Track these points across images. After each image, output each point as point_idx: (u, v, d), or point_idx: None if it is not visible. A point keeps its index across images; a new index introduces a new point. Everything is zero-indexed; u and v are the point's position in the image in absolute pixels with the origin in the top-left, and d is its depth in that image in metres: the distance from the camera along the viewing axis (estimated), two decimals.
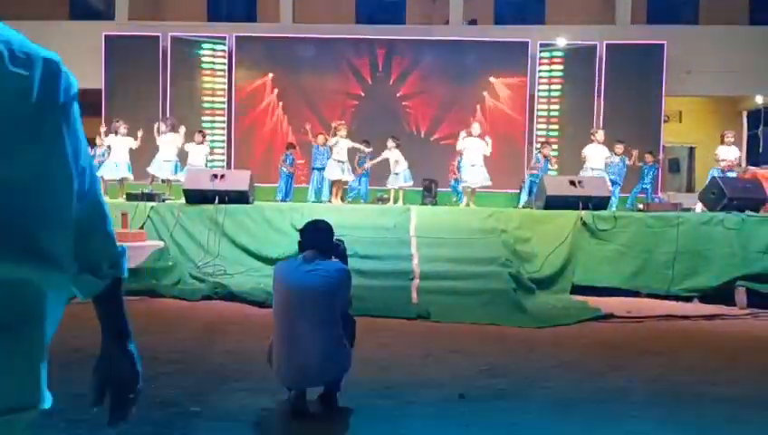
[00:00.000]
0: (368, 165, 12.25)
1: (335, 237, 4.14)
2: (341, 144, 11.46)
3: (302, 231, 4.09)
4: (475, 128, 11.26)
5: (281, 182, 12.88)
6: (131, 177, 12.06)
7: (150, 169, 12.08)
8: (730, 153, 11.73)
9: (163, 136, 12.18)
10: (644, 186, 12.97)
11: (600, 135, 12.13)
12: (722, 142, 11.91)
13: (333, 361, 3.88)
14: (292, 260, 4.12)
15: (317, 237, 4.03)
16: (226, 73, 15.20)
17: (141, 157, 12.29)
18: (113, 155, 11.84)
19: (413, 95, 15.23)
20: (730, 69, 14.81)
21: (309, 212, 9.50)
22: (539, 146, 12.71)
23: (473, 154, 11.21)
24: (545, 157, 12.26)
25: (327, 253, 4.04)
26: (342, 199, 11.71)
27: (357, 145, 12.01)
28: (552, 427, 3.86)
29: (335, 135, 11.54)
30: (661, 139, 14.78)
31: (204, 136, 12.72)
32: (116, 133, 11.94)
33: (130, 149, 12.00)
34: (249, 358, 5.13)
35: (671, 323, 7.27)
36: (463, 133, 11.58)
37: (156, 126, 12.40)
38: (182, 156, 12.36)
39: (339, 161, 11.45)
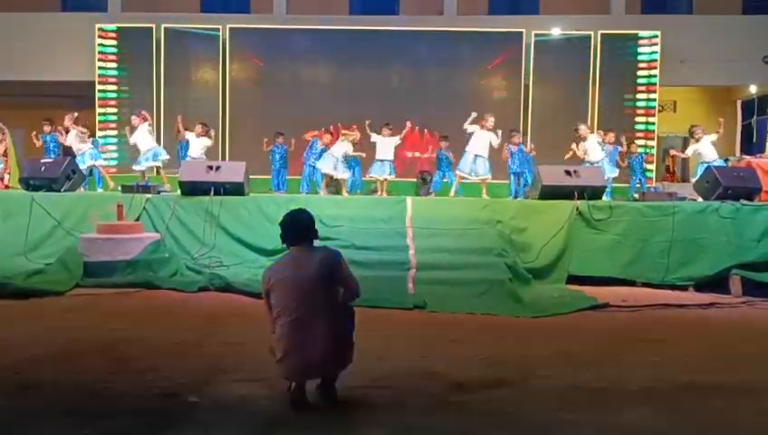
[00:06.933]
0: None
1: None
2: (342, 146, 11.50)
3: (282, 225, 4.07)
4: (490, 121, 11.28)
5: (274, 172, 12.83)
6: (101, 162, 12.34)
7: (137, 167, 12.06)
8: (703, 146, 11.36)
9: (137, 130, 12.04)
10: (638, 177, 12.99)
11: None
12: (692, 136, 11.47)
13: (339, 354, 3.90)
14: (281, 260, 4.11)
15: (300, 230, 4.03)
16: (220, 65, 15.14)
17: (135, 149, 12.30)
18: (76, 148, 12.02)
19: (407, 86, 15.19)
20: (724, 58, 14.83)
21: (305, 204, 9.49)
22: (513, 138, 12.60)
23: (480, 146, 11.23)
24: (516, 144, 12.12)
25: (312, 241, 4.06)
26: (343, 192, 11.72)
27: (357, 154, 12.03)
28: (549, 415, 3.88)
29: (345, 138, 11.57)
30: (656, 129, 14.82)
31: (204, 129, 12.44)
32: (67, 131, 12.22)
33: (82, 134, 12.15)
34: (247, 349, 5.15)
35: (667, 312, 7.30)
36: (473, 115, 11.39)
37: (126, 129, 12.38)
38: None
39: (333, 156, 11.46)
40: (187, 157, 12.03)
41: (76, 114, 12.48)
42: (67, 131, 12.25)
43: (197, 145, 12.07)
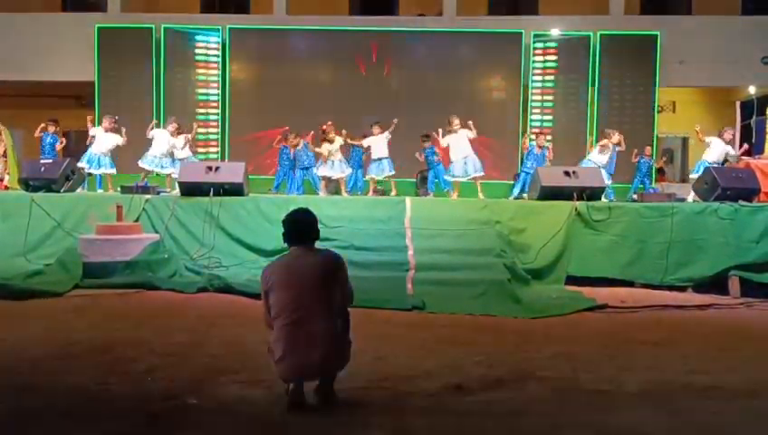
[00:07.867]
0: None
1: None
2: (335, 144, 11.51)
3: (285, 224, 4.05)
4: (455, 124, 11.25)
5: (279, 172, 12.77)
6: (113, 171, 12.15)
7: (141, 163, 12.06)
8: (716, 145, 11.56)
9: (155, 131, 12.21)
10: (642, 178, 12.99)
11: (617, 137, 12.06)
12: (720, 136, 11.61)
13: (337, 355, 3.90)
14: (282, 259, 4.09)
15: (302, 230, 4.02)
16: (220, 65, 15.16)
17: (132, 150, 12.33)
18: (95, 147, 11.95)
19: (407, 87, 15.19)
20: (723, 59, 14.84)
21: (304, 204, 9.44)
22: (533, 136, 12.65)
23: (462, 148, 11.22)
24: (540, 147, 12.23)
25: (313, 241, 4.06)
26: (342, 192, 11.73)
27: (353, 142, 12.06)
28: (548, 417, 3.88)
29: (331, 141, 11.55)
30: (655, 129, 14.83)
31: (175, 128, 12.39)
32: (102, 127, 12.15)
33: (117, 146, 12.11)
34: (246, 350, 5.15)
35: (665, 313, 7.31)
36: (441, 131, 11.57)
37: (153, 123, 12.57)
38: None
39: (328, 160, 11.48)
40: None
41: (116, 117, 12.45)
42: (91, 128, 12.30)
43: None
